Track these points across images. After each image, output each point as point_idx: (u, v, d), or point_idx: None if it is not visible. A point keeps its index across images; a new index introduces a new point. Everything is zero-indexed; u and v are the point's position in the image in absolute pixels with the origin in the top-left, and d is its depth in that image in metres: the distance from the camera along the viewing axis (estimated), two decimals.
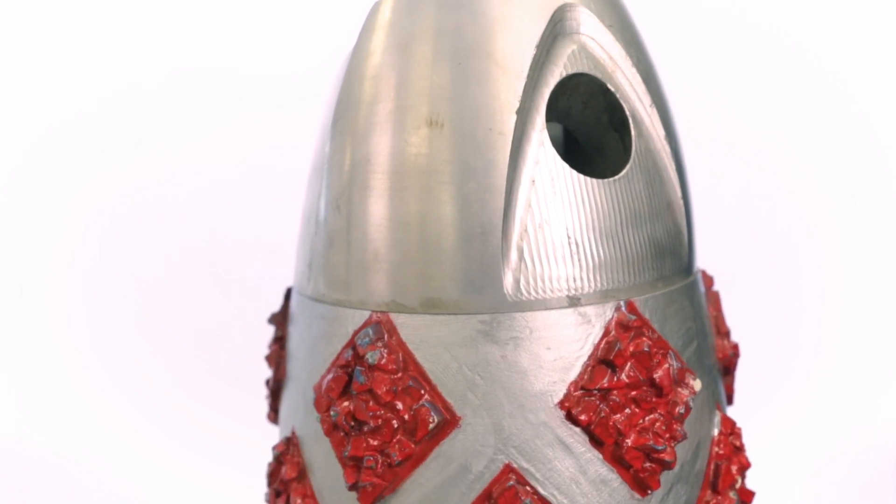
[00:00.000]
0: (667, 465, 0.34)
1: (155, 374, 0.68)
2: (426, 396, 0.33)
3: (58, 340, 0.68)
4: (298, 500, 0.36)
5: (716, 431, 0.36)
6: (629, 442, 0.33)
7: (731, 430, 0.37)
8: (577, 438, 0.33)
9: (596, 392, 0.33)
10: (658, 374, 0.34)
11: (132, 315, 0.68)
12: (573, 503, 0.33)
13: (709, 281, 0.40)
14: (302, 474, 0.36)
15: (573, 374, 0.33)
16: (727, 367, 0.39)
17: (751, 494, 0.37)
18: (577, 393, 0.33)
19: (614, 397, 0.33)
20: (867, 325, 0.68)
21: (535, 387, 0.33)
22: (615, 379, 0.33)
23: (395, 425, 0.33)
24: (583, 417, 0.33)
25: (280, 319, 0.40)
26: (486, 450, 0.33)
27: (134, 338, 0.68)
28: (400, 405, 0.33)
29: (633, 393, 0.33)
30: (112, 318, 0.68)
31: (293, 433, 0.37)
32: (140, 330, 0.68)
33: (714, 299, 0.39)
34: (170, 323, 0.68)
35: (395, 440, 0.33)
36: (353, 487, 0.34)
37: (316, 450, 0.36)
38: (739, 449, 0.37)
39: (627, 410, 0.33)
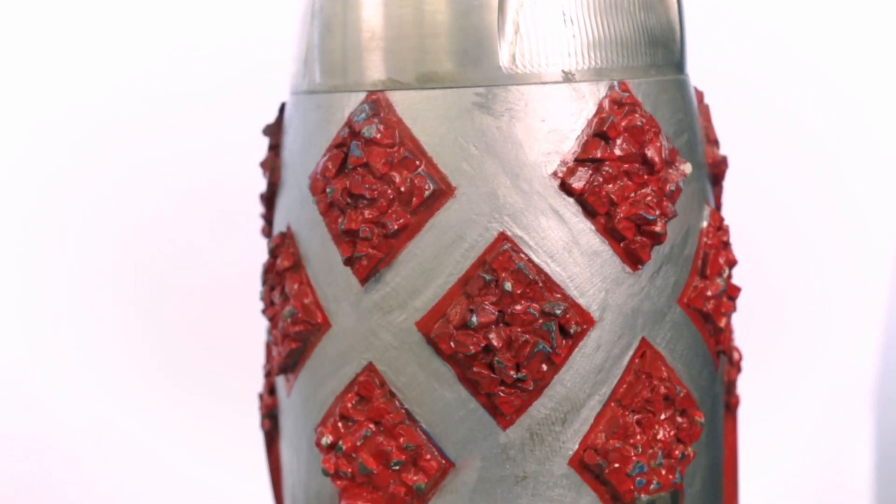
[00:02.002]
0: (657, 238, 0.34)
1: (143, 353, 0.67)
2: (422, 167, 0.34)
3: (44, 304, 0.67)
4: (295, 287, 0.36)
5: (705, 223, 0.37)
6: (621, 213, 0.34)
7: (719, 224, 0.38)
8: (570, 209, 0.34)
9: (589, 163, 0.34)
10: (650, 151, 0.34)
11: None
12: (566, 272, 0.34)
13: (699, 94, 0.40)
14: (297, 264, 0.37)
15: (567, 146, 0.34)
16: (716, 174, 0.40)
17: (737, 289, 0.38)
18: (570, 164, 0.34)
19: (607, 168, 0.34)
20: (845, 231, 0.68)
21: (529, 157, 0.34)
22: (608, 151, 0.34)
23: (391, 196, 0.34)
24: (576, 186, 0.33)
25: (274, 130, 0.40)
26: (480, 218, 0.34)
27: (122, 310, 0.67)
28: (396, 177, 0.34)
29: (626, 166, 0.34)
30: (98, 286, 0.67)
31: (288, 227, 0.38)
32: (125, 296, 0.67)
33: (705, 111, 0.40)
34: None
35: (390, 211, 0.34)
36: (348, 261, 0.35)
37: (311, 238, 0.36)
38: (727, 245, 0.38)
39: (620, 182, 0.34)
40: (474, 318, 0.33)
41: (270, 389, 0.41)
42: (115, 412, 0.66)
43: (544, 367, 0.34)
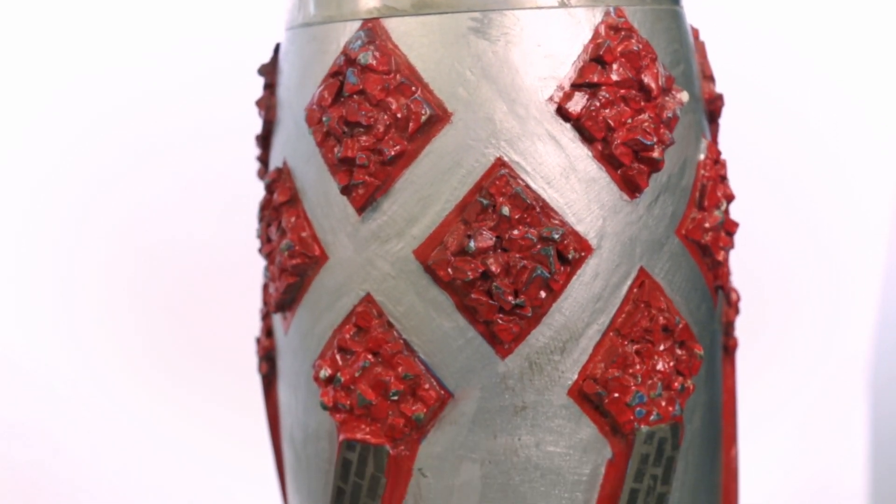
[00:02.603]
0: (655, 165, 0.34)
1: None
2: (418, 93, 0.34)
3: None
4: (292, 220, 0.36)
5: (702, 156, 0.37)
6: (618, 138, 0.34)
7: (716, 158, 0.37)
8: (567, 134, 0.34)
9: (586, 88, 0.34)
10: (646, 78, 0.34)
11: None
12: (563, 198, 0.34)
13: (695, 31, 0.40)
14: (293, 198, 0.37)
15: (563, 71, 0.34)
16: (712, 111, 0.40)
17: (735, 225, 0.38)
18: (567, 89, 0.34)
19: (604, 94, 0.34)
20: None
21: (525, 82, 0.33)
22: (605, 76, 0.34)
23: (388, 123, 0.34)
24: (572, 110, 0.33)
25: (269, 69, 0.40)
26: (477, 144, 0.33)
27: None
28: (392, 103, 0.34)
29: (623, 92, 0.34)
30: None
31: (284, 163, 0.37)
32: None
33: (700, 47, 0.40)
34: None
35: (387, 137, 0.34)
36: (345, 190, 0.34)
37: (307, 171, 0.36)
38: (724, 178, 0.38)
39: (617, 108, 0.34)
40: (472, 244, 0.33)
41: (268, 332, 0.41)
42: (112, 407, 0.66)
43: (542, 293, 0.34)
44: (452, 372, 0.35)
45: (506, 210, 0.33)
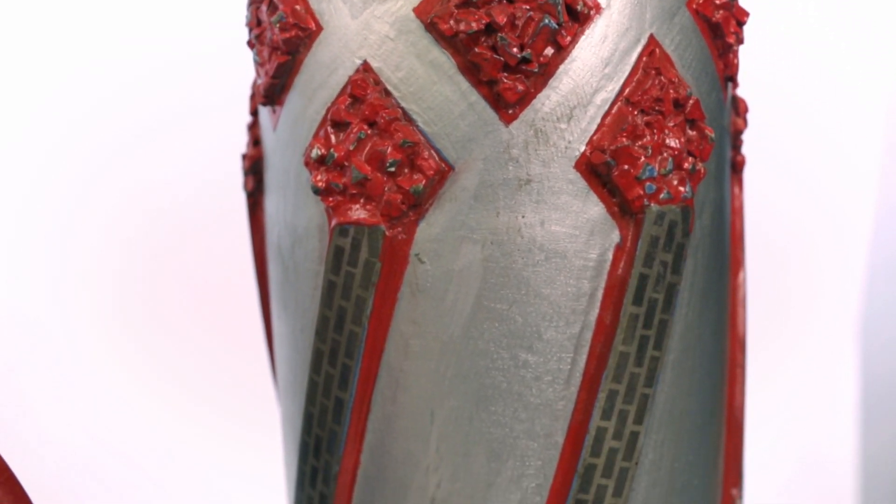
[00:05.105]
0: None
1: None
2: None
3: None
4: None
5: None
6: None
7: None
8: None
9: None
10: None
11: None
12: None
13: None
14: None
15: None
16: None
17: (745, 13, 0.36)
18: None
19: None
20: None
21: None
22: None
23: None
24: None
25: None
26: None
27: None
28: None
29: None
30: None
31: None
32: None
33: None
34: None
35: None
36: None
37: None
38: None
39: None
40: None
41: (254, 141, 0.39)
42: (111, 412, 0.63)
43: (549, 50, 0.32)
44: (453, 142, 0.33)
45: None
